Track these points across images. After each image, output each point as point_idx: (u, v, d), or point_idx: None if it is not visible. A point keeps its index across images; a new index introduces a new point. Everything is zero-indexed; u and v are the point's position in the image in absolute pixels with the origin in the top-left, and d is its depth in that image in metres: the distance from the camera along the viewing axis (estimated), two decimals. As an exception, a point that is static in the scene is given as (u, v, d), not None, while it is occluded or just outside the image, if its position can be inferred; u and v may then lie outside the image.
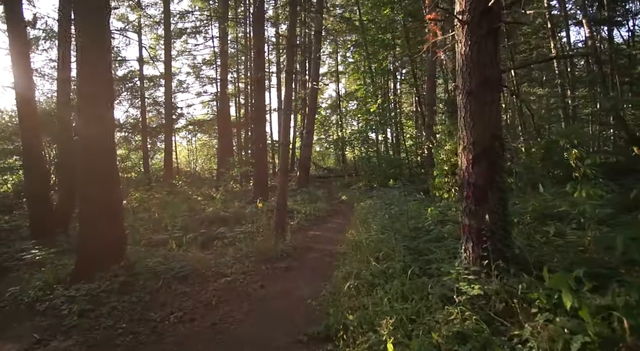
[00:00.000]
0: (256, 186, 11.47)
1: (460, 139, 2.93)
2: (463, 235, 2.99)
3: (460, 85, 2.86)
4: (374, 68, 19.41)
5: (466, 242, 2.94)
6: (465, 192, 2.94)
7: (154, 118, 21.39)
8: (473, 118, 2.79)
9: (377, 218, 7.29)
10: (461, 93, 2.86)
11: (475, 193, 2.84)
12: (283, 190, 6.41)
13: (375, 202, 10.96)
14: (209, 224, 8.19)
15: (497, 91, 2.77)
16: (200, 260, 5.15)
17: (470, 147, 2.83)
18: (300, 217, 9.21)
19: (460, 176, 2.98)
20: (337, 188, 18.01)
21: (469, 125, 2.82)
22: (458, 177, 3.03)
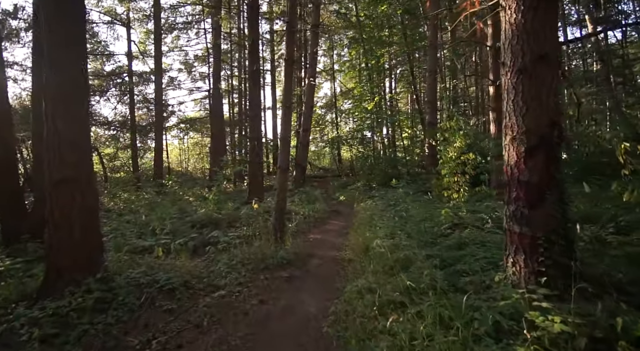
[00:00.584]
0: (251, 186, 10.86)
1: (506, 129, 2.40)
2: (510, 245, 2.46)
3: (509, 62, 2.34)
4: (371, 65, 18.91)
5: (515, 253, 2.41)
6: (514, 192, 2.41)
7: (144, 116, 20.65)
8: (526, 102, 2.27)
9: (384, 220, 6.75)
10: (509, 72, 2.34)
11: (528, 193, 2.31)
12: (282, 190, 5.84)
13: (377, 202, 10.44)
14: (201, 227, 7.56)
15: (556, 68, 2.26)
16: (190, 269, 4.55)
17: (523, 138, 2.30)
18: (299, 218, 8.64)
19: (507, 173, 2.45)
20: (334, 188, 17.44)
21: (521, 110, 2.30)
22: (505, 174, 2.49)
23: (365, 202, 11.10)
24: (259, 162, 10.75)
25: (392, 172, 15.41)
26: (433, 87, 14.10)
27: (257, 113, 10.61)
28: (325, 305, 3.62)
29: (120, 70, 17.35)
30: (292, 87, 8.00)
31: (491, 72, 9.34)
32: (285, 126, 5.92)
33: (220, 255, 5.38)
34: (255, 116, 10.59)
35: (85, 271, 3.66)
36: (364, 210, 9.46)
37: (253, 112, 10.60)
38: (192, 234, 7.00)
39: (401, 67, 22.57)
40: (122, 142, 18.84)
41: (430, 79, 14.07)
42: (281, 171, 5.93)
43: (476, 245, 3.98)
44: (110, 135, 17.90)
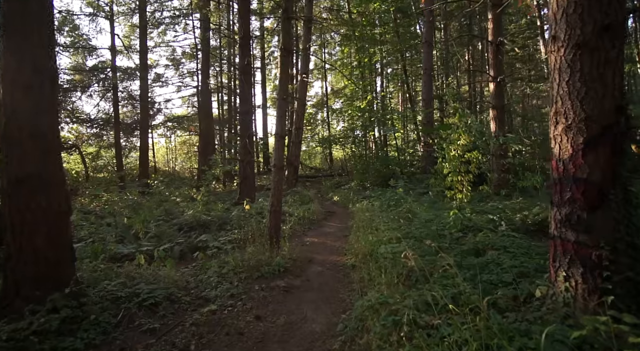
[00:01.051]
0: (242, 186, 10.34)
1: (557, 116, 2.00)
2: (563, 256, 2.05)
3: (563, 36, 1.94)
4: (364, 63, 18.56)
5: (569, 265, 2.00)
6: (567, 192, 2.01)
7: (129, 113, 19.86)
8: (586, 83, 1.87)
9: (386, 222, 6.34)
10: (563, 48, 1.94)
11: (587, 193, 1.91)
12: (278, 190, 5.37)
13: (374, 203, 10.05)
14: (189, 230, 7.03)
15: (622, 41, 1.87)
16: (176, 279, 4.04)
17: (581, 126, 1.89)
18: (293, 220, 8.18)
19: (558, 170, 2.04)
20: (327, 188, 17.01)
21: (578, 93, 1.90)
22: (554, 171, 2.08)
23: (360, 203, 10.69)
24: (251, 161, 10.25)
25: (386, 172, 15.08)
26: (428, 85, 13.78)
27: (248, 110, 10.10)
28: (331, 321, 3.18)
29: (103, 65, 16.58)
30: (289, 78, 7.54)
31: (492, 68, 9.05)
32: (280, 120, 5.45)
33: (210, 261, 4.88)
34: (246, 112, 10.07)
35: (51, 285, 3.13)
36: (361, 211, 9.04)
37: (244, 108, 10.08)
38: (178, 238, 6.47)
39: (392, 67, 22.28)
40: (105, 140, 18.05)
41: (426, 76, 13.76)
42: (276, 169, 5.45)
43: (496, 250, 3.59)
44: (93, 133, 17.09)
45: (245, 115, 10.09)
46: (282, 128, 5.54)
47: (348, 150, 19.68)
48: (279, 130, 5.43)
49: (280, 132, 5.45)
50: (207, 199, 10.41)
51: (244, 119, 10.15)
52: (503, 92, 9.30)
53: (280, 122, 5.46)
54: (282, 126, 5.53)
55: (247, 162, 10.18)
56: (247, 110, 10.10)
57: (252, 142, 10.43)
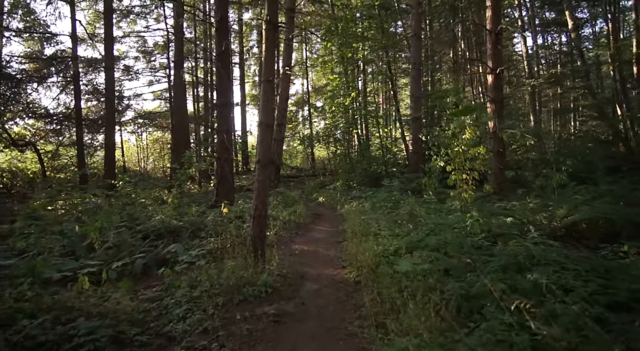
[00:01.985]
0: (219, 186, 9.31)
1: None
2: None
3: None
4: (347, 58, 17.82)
5: None
6: None
7: (94, 108, 18.26)
8: None
9: (387, 226, 5.55)
10: None
11: None
12: (263, 190, 4.46)
13: (365, 204, 9.27)
14: (156, 239, 5.98)
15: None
16: (130, 309, 3.07)
17: None
18: (278, 224, 7.27)
19: None
20: (311, 188, 16.13)
21: None
22: None
23: (349, 204, 9.90)
24: (229, 159, 9.23)
25: (373, 171, 14.38)
26: (417, 80, 13.17)
27: (226, 102, 9.08)
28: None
29: (63, 54, 14.99)
30: (275, 58, 6.65)
31: (490, 58, 8.45)
32: (265, 107, 4.54)
33: (179, 280, 3.90)
34: (224, 105, 9.05)
35: None
36: (352, 213, 8.24)
37: (222, 99, 9.06)
38: (142, 249, 5.43)
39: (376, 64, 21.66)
40: (67, 137, 16.40)
41: (415, 71, 13.13)
42: (261, 166, 4.53)
43: (547, 266, 2.83)
44: (51, 129, 15.44)
45: (223, 108, 9.07)
46: (269, 116, 4.63)
47: (332, 149, 18.91)
48: (265, 118, 4.52)
49: (266, 121, 4.53)
50: (180, 201, 9.33)
51: (222, 112, 9.12)
52: (502, 84, 8.74)
53: (265, 108, 4.55)
54: (269, 113, 4.62)
55: (225, 160, 9.15)
56: (226, 102, 9.08)
57: (230, 138, 9.41)
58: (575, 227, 4.31)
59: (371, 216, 6.71)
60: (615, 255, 3.34)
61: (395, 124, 23.35)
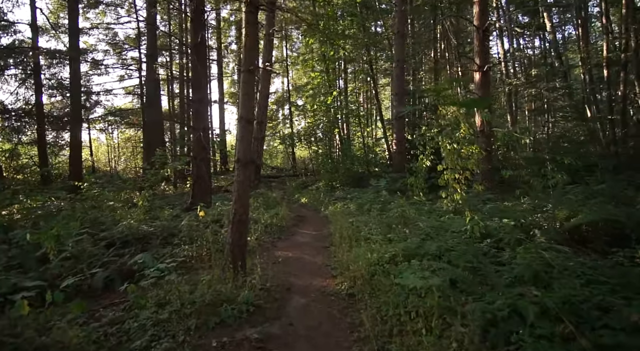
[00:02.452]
0: (195, 187, 8.69)
1: None
2: None
3: None
4: (329, 56, 17.44)
5: None
6: None
7: (59, 104, 17.03)
8: None
9: (377, 229, 5.16)
10: None
11: None
12: (243, 192, 3.96)
13: (350, 205, 8.88)
14: (122, 247, 5.36)
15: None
16: (79, 340, 2.51)
17: None
18: (259, 228, 6.76)
19: None
20: (293, 189, 15.66)
21: None
22: None
23: (334, 205, 9.49)
24: (206, 158, 8.62)
25: (356, 172, 14.05)
26: (401, 77, 12.92)
27: (202, 97, 8.48)
28: None
29: (22, 44, 13.83)
30: (257, 44, 6.17)
31: (477, 55, 8.25)
32: (246, 102, 4.04)
33: (145, 298, 3.35)
34: (200, 100, 8.43)
35: None
36: (338, 215, 7.83)
37: (198, 95, 8.44)
38: (105, 259, 4.81)
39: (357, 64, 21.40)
40: (28, 135, 15.18)
41: (398, 69, 12.87)
42: (241, 166, 4.04)
43: (569, 277, 2.49)
44: (9, 126, 14.20)
45: (199, 104, 8.45)
46: (249, 111, 4.13)
47: (313, 148, 18.47)
48: (245, 113, 4.02)
49: (247, 116, 4.04)
50: (151, 204, 8.66)
51: (198, 109, 8.50)
52: (489, 82, 8.56)
53: (246, 102, 4.06)
54: (250, 108, 4.13)
55: (201, 160, 8.54)
56: (202, 97, 8.47)
57: (207, 135, 8.80)
58: (578, 230, 4.05)
59: (359, 218, 6.32)
60: (631, 262, 3.06)
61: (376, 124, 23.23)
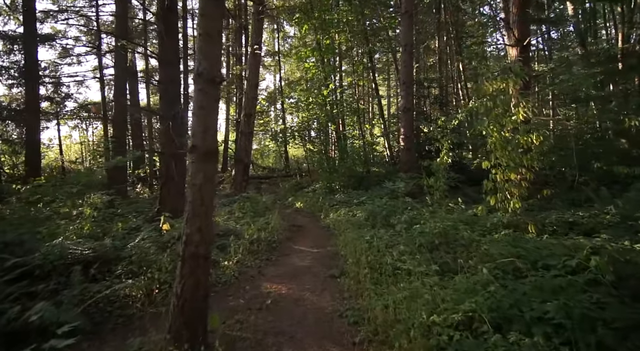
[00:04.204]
0: (164, 191, 6.97)
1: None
2: None
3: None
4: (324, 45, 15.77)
5: None
6: None
7: (20, 95, 15.02)
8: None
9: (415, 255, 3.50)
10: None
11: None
12: (203, 203, 2.26)
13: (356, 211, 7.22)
14: (32, 282, 3.61)
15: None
16: None
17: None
18: (242, 245, 5.05)
19: None
20: (286, 191, 13.94)
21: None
22: None
23: (337, 212, 7.82)
24: (178, 154, 6.87)
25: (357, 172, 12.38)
26: (409, 64, 11.28)
27: (173, 77, 6.74)
28: None
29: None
30: None
31: (516, 26, 6.64)
32: (209, 47, 2.35)
33: None
34: (170, 81, 6.70)
35: None
36: (343, 225, 6.17)
37: (166, 73, 6.71)
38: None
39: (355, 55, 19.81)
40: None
41: (406, 54, 11.24)
42: (199, 158, 2.34)
43: None
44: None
45: (169, 85, 6.70)
46: (213, 64, 2.41)
47: (308, 146, 16.80)
48: (207, 66, 2.33)
49: (208, 71, 2.33)
50: (106, 211, 6.90)
51: (167, 90, 6.75)
52: (529, 59, 6.98)
53: (209, 48, 2.36)
54: (213, 58, 2.42)
55: (171, 155, 6.81)
56: (172, 77, 6.73)
57: (180, 126, 7.05)
58: None
59: (377, 234, 4.63)
60: None
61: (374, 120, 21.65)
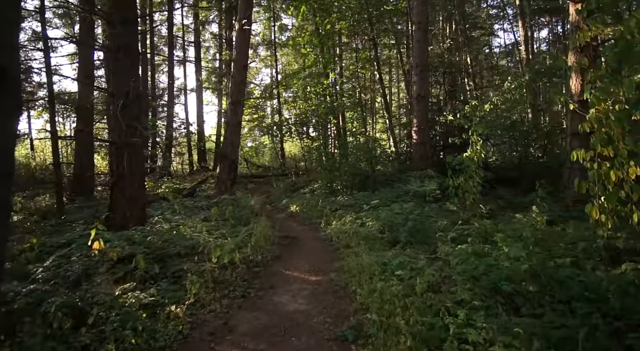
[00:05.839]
0: (117, 193, 5.32)
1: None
2: None
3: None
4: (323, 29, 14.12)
5: None
6: None
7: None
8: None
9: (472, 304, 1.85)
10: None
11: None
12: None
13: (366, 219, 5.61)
14: None
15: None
16: None
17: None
18: (208, 273, 3.42)
19: None
20: (280, 192, 12.24)
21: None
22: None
23: (340, 219, 6.19)
24: (134, 145, 5.21)
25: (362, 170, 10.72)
26: (423, 44, 9.68)
27: (126, 42, 5.08)
28: None
29: None
30: None
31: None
32: None
33: None
34: (123, 46, 5.03)
35: None
36: (352, 239, 4.55)
37: (118, 37, 5.05)
38: None
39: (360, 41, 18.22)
40: None
41: (420, 33, 9.64)
42: None
43: None
44: None
45: (121, 54, 5.03)
46: None
47: (306, 142, 15.16)
48: None
49: None
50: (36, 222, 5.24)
51: (118, 60, 5.09)
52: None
53: None
54: None
55: (125, 146, 5.15)
56: (126, 41, 5.06)
57: (139, 105, 5.40)
58: None
59: (407, 260, 2.98)
60: None
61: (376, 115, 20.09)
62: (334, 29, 14.87)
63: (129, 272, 3.49)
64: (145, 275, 3.42)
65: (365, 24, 15.22)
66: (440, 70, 10.64)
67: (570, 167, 5.23)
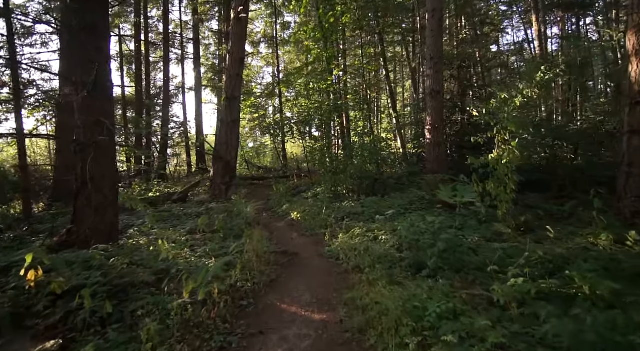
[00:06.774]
0: (81, 202, 4.44)
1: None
2: None
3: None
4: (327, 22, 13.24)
5: None
6: None
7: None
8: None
9: None
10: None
11: None
12: None
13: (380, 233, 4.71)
14: None
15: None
16: None
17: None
18: (173, 316, 2.53)
19: None
20: (280, 196, 11.31)
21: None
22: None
23: (349, 231, 5.28)
24: (104, 144, 4.34)
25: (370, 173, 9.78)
26: (438, 34, 8.77)
27: (93, 21, 4.23)
28: None
29: None
30: None
31: None
32: None
33: None
34: (88, 28, 4.18)
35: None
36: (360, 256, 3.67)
37: (80, 15, 4.20)
38: None
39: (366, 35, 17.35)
40: None
41: (434, 21, 8.73)
42: None
43: None
44: None
45: (87, 34, 4.17)
46: None
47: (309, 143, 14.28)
48: None
49: None
50: None
51: (81, 44, 4.22)
52: None
53: None
54: None
55: (92, 145, 4.28)
56: (91, 22, 4.19)
57: (105, 97, 4.53)
58: None
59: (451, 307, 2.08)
60: None
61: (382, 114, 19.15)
62: (339, 23, 14.01)
63: (71, 312, 2.62)
64: (90, 318, 2.54)
65: (370, 16, 14.37)
66: (456, 64, 9.70)
67: (629, 171, 4.31)
